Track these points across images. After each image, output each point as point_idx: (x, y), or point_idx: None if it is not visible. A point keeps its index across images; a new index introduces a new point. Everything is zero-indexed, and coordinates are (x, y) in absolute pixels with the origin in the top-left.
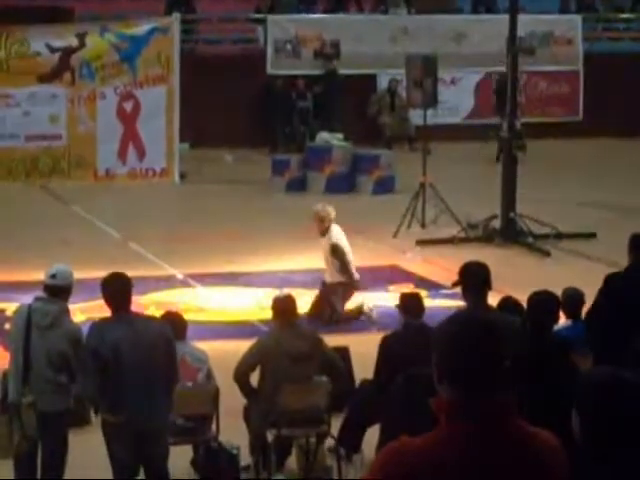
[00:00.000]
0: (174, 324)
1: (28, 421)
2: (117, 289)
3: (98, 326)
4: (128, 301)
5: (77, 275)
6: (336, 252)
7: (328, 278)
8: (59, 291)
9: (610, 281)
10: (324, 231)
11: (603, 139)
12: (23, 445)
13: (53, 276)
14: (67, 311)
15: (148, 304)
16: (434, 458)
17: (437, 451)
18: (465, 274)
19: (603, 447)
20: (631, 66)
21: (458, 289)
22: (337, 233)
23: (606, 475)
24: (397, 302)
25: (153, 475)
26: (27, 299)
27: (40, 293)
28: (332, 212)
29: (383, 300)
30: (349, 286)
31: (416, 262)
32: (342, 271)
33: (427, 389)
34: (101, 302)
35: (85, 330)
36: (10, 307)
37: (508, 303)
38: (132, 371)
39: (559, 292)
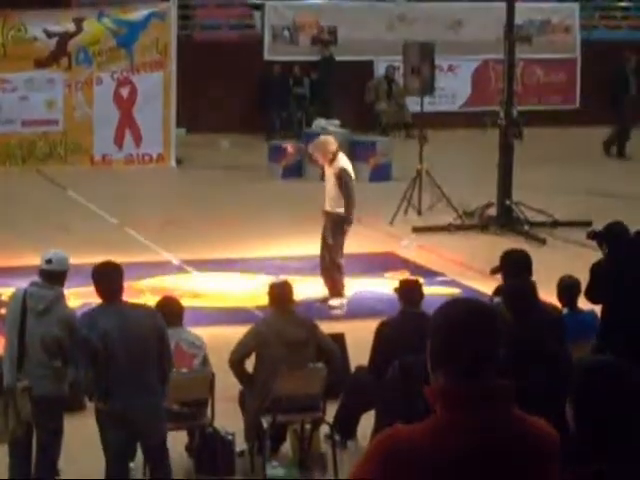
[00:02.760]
0: (170, 310)
1: (23, 406)
2: (108, 278)
3: (89, 315)
4: (119, 290)
5: (73, 260)
6: (343, 177)
7: (328, 207)
8: (55, 276)
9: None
10: (331, 160)
11: (600, 127)
12: (18, 430)
13: (49, 261)
14: (62, 296)
15: (144, 290)
16: (429, 445)
17: (432, 438)
18: (506, 261)
19: (597, 437)
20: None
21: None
22: (345, 161)
23: (600, 464)
24: (396, 288)
25: (152, 459)
26: (23, 284)
27: (36, 278)
28: (335, 142)
29: (379, 286)
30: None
31: (412, 249)
32: (345, 200)
33: (422, 376)
34: None
35: (77, 318)
36: (6, 292)
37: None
38: (123, 360)
39: (555, 280)
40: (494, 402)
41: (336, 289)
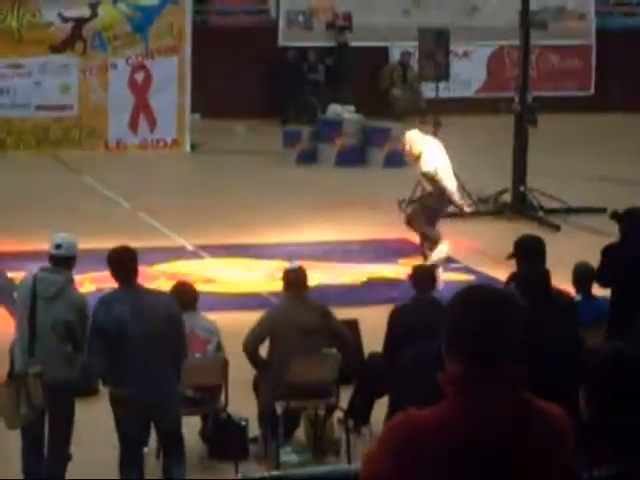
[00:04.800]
0: (185, 295)
1: (35, 391)
2: (123, 262)
3: (104, 300)
4: (134, 274)
5: (87, 245)
6: (428, 179)
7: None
8: (64, 261)
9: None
10: (416, 158)
11: (614, 114)
12: (30, 415)
13: (58, 246)
14: (72, 281)
15: (158, 275)
16: (442, 430)
17: (445, 423)
18: (520, 248)
19: (610, 423)
20: None
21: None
22: (428, 156)
23: (611, 449)
24: (409, 274)
25: (168, 442)
26: (36, 269)
27: (46, 263)
28: (414, 135)
29: (393, 273)
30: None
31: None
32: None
33: (436, 362)
34: None
35: (92, 302)
36: (19, 276)
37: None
38: (137, 345)
39: (569, 267)
40: (508, 388)
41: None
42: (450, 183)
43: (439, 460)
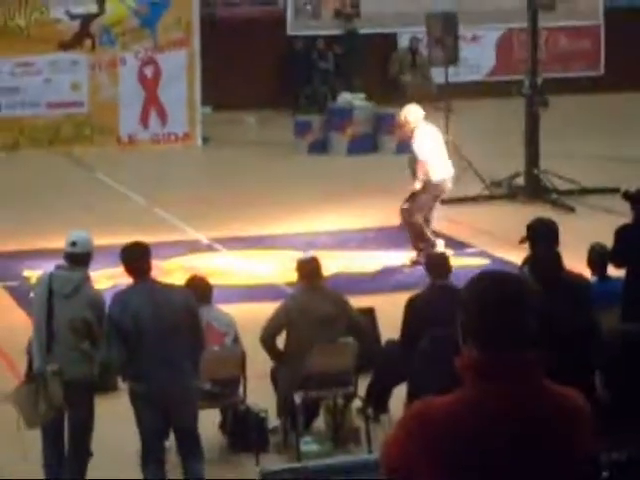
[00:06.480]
0: (199, 288)
1: (54, 390)
2: (136, 258)
3: (120, 295)
4: (148, 269)
5: (103, 241)
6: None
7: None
8: (79, 259)
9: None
10: (409, 137)
11: (625, 93)
12: (49, 414)
13: (73, 244)
14: (88, 278)
15: (173, 269)
16: (459, 416)
17: (463, 409)
18: (532, 231)
19: (628, 406)
20: None
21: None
22: (425, 133)
23: (630, 432)
24: (424, 262)
25: (184, 439)
26: (52, 267)
27: (61, 261)
28: (413, 114)
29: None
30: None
31: (440, 221)
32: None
33: (453, 349)
34: None
35: (108, 298)
36: (35, 275)
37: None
38: (154, 339)
39: (584, 248)
40: (524, 373)
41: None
42: (439, 172)
43: (458, 446)
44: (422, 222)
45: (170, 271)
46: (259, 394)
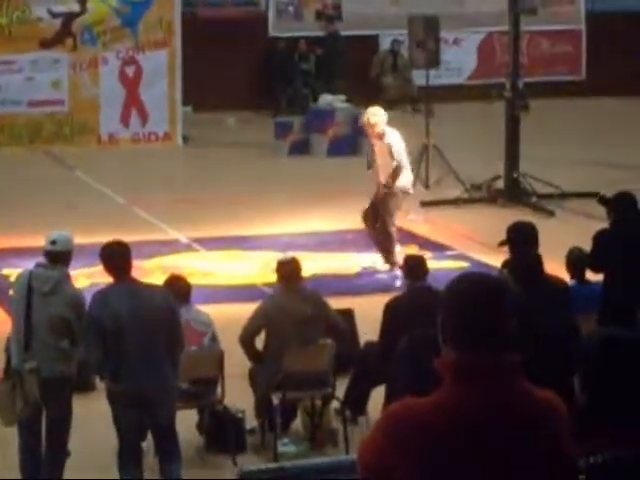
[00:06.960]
0: (178, 288)
1: (30, 387)
2: (116, 257)
3: (100, 294)
4: (128, 268)
5: (81, 240)
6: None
7: (383, 180)
8: (59, 257)
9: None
10: (380, 135)
11: (606, 98)
12: (26, 411)
13: (53, 242)
14: (68, 276)
15: (153, 269)
16: (437, 418)
17: (441, 411)
18: (512, 234)
19: (606, 409)
20: (634, 25)
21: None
22: (396, 136)
23: (608, 435)
24: (401, 264)
25: (162, 439)
26: (32, 265)
27: (41, 259)
28: (376, 116)
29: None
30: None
31: (420, 223)
32: (393, 173)
33: (431, 350)
34: None
35: (87, 297)
36: (14, 273)
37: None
38: (134, 339)
39: (563, 252)
40: (503, 375)
41: (391, 259)
42: (407, 177)
43: (436, 448)
44: (395, 235)
45: (150, 271)
46: (237, 394)
